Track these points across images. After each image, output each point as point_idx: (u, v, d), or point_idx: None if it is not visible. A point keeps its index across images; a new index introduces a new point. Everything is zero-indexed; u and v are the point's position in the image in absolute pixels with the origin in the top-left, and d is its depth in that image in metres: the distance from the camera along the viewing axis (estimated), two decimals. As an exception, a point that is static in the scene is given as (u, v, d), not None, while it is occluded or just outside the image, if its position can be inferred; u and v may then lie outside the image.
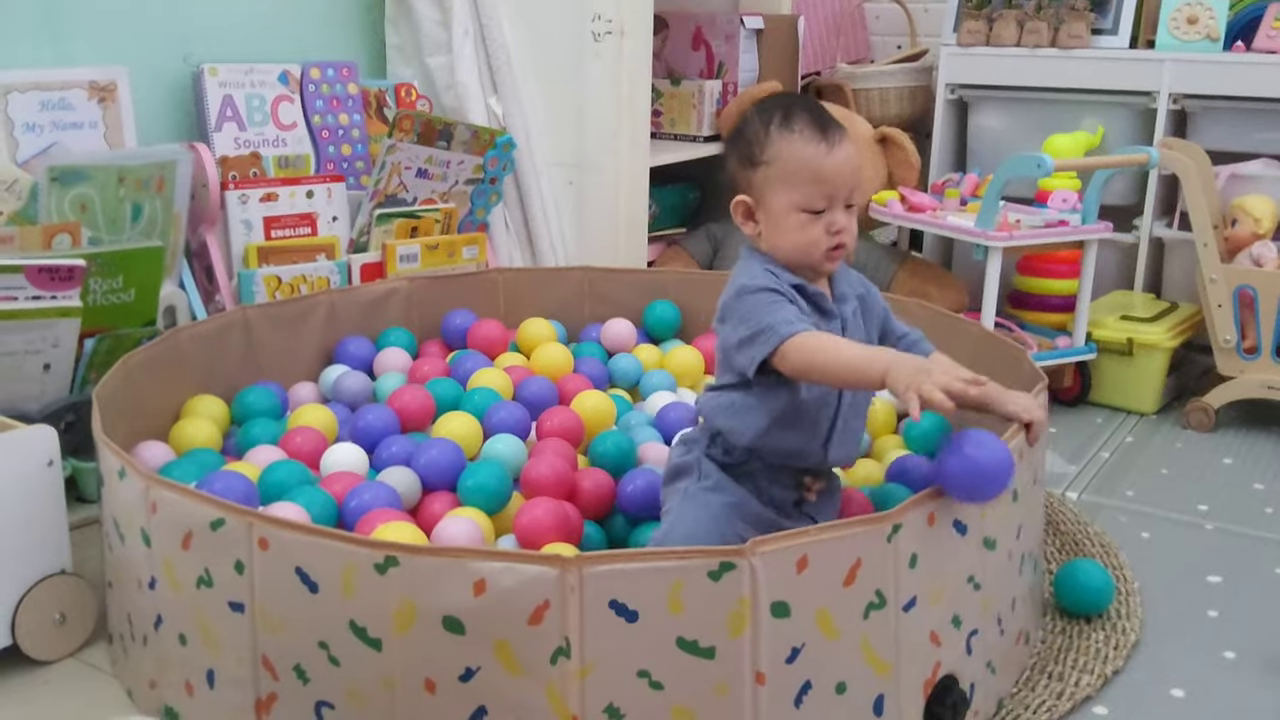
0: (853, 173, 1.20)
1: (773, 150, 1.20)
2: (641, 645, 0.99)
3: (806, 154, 1.18)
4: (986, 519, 1.16)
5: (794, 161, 1.19)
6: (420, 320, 1.94)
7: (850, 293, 1.27)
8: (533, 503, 1.35)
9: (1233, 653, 1.36)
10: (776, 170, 1.20)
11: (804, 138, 1.19)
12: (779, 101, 1.24)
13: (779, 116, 1.21)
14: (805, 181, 1.19)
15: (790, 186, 1.19)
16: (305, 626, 1.04)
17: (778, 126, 1.20)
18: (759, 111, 1.23)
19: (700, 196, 2.74)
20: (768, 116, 1.22)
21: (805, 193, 1.19)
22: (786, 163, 1.19)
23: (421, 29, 2.16)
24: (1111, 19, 2.44)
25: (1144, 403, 2.20)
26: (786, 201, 1.20)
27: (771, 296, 1.19)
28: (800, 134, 1.19)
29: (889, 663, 1.07)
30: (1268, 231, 2.12)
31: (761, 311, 1.18)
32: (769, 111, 1.22)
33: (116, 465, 1.17)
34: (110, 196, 1.61)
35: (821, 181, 1.18)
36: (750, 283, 1.21)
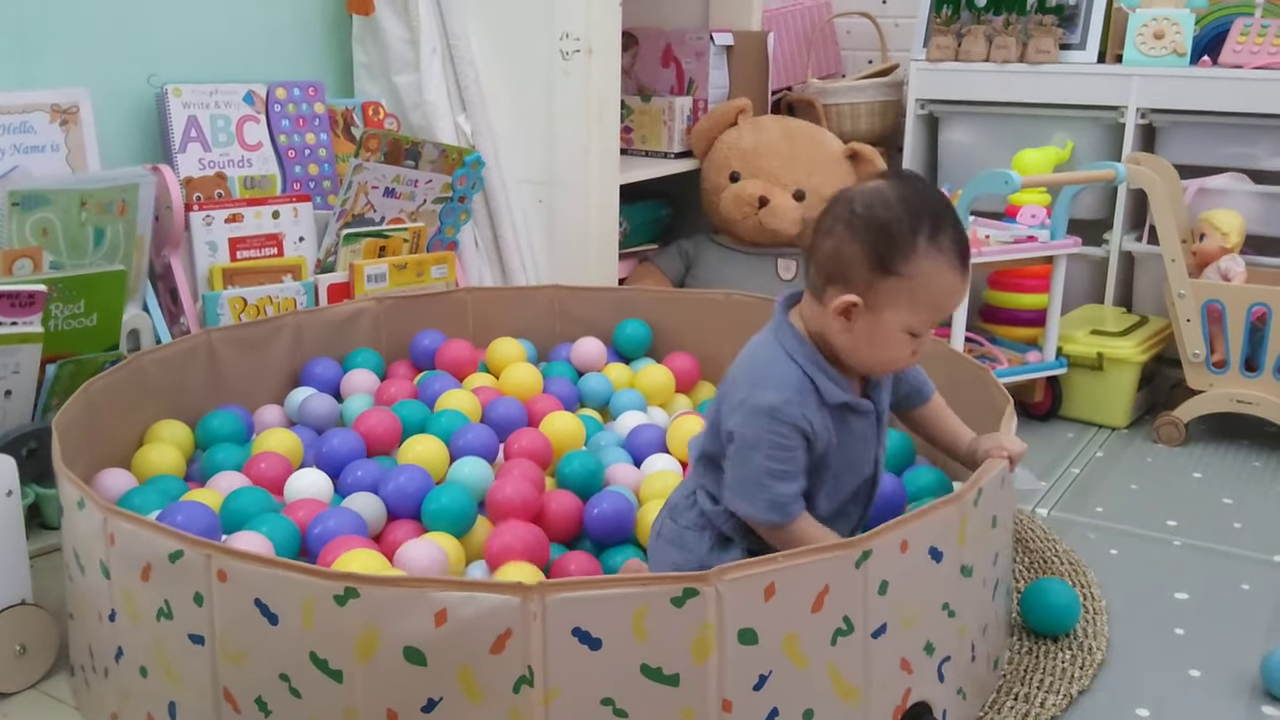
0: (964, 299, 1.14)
1: (915, 266, 1.08)
2: (605, 673, 0.98)
3: (946, 282, 1.09)
4: (965, 546, 1.15)
5: (932, 286, 1.09)
6: (388, 341, 1.93)
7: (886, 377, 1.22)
8: (502, 528, 1.35)
9: (1199, 671, 1.37)
10: (909, 287, 1.09)
11: (949, 263, 1.09)
12: (929, 205, 1.10)
13: (928, 228, 1.08)
14: (933, 308, 1.10)
15: (915, 309, 1.09)
16: (266, 658, 1.03)
17: (927, 239, 1.08)
18: (910, 213, 1.08)
19: (672, 213, 2.74)
20: (918, 224, 1.08)
21: (924, 318, 1.10)
22: (924, 284, 1.09)
23: (389, 47, 2.16)
24: (1079, 34, 2.45)
25: (1114, 417, 2.21)
26: (903, 322, 1.10)
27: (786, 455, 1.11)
28: (947, 257, 1.09)
29: (857, 689, 1.07)
30: (1235, 246, 2.14)
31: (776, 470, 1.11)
32: (920, 217, 1.08)
33: (75, 496, 1.15)
34: (72, 220, 1.59)
35: (944, 310, 1.11)
36: (783, 408, 1.11)
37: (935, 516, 1.11)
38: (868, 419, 1.19)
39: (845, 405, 1.16)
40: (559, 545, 1.43)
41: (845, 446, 1.17)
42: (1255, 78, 2.22)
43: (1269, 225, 2.23)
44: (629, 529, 1.44)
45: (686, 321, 1.99)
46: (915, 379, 1.30)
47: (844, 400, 1.15)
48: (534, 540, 1.34)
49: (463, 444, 1.56)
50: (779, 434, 1.11)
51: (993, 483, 1.19)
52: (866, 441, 1.20)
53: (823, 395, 1.13)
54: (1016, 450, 1.23)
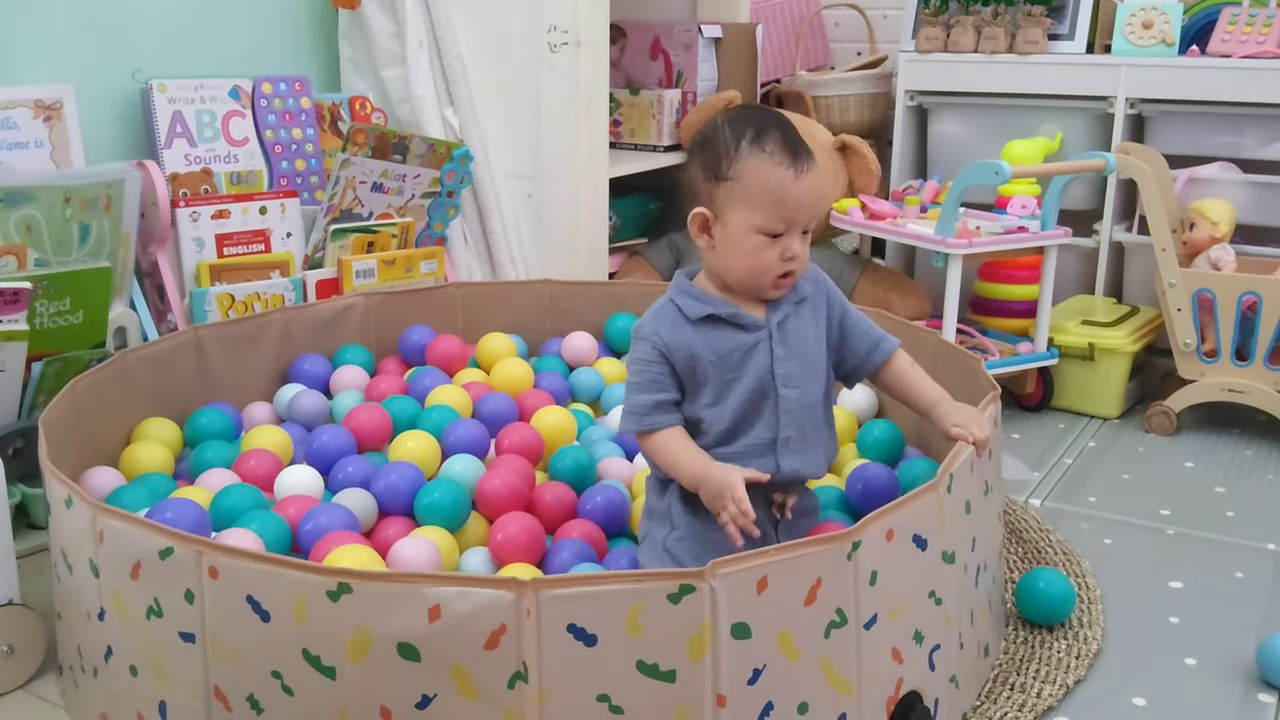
0: (815, 201, 1.19)
1: (740, 167, 1.18)
2: (601, 669, 0.97)
3: (774, 177, 1.17)
4: (945, 533, 1.15)
5: (760, 182, 1.17)
6: (377, 337, 1.92)
7: (789, 298, 1.25)
8: (506, 519, 1.35)
9: (1194, 659, 1.37)
10: (740, 188, 1.18)
11: (774, 160, 1.17)
12: (752, 117, 1.20)
13: (751, 133, 1.18)
14: (768, 204, 1.17)
15: (752, 207, 1.18)
16: (258, 656, 1.02)
17: (749, 143, 1.18)
18: (730, 124, 1.20)
19: (661, 207, 2.73)
20: (739, 131, 1.19)
21: (766, 215, 1.17)
22: (752, 182, 1.17)
23: (375, 41, 2.14)
24: (1068, 25, 2.45)
25: (1106, 407, 2.21)
26: (745, 221, 1.18)
27: (643, 369, 1.22)
28: (770, 155, 1.17)
29: (850, 682, 1.06)
30: (1225, 235, 2.14)
31: (633, 382, 1.23)
32: (741, 126, 1.19)
33: (63, 494, 1.14)
34: (57, 217, 1.58)
35: (783, 206, 1.17)
36: (641, 327, 1.24)
37: (916, 504, 1.10)
38: (756, 334, 1.23)
39: (712, 317, 1.22)
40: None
41: (722, 358, 1.22)
42: (1244, 67, 2.22)
43: (1259, 214, 2.23)
44: (624, 521, 1.43)
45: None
46: (871, 335, 1.30)
47: (708, 312, 1.22)
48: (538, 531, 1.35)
49: (454, 440, 1.55)
50: (638, 351, 1.24)
51: (961, 469, 1.18)
52: (754, 356, 1.23)
53: (684, 312, 1.23)
54: (980, 436, 1.21)
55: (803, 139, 1.20)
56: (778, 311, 1.24)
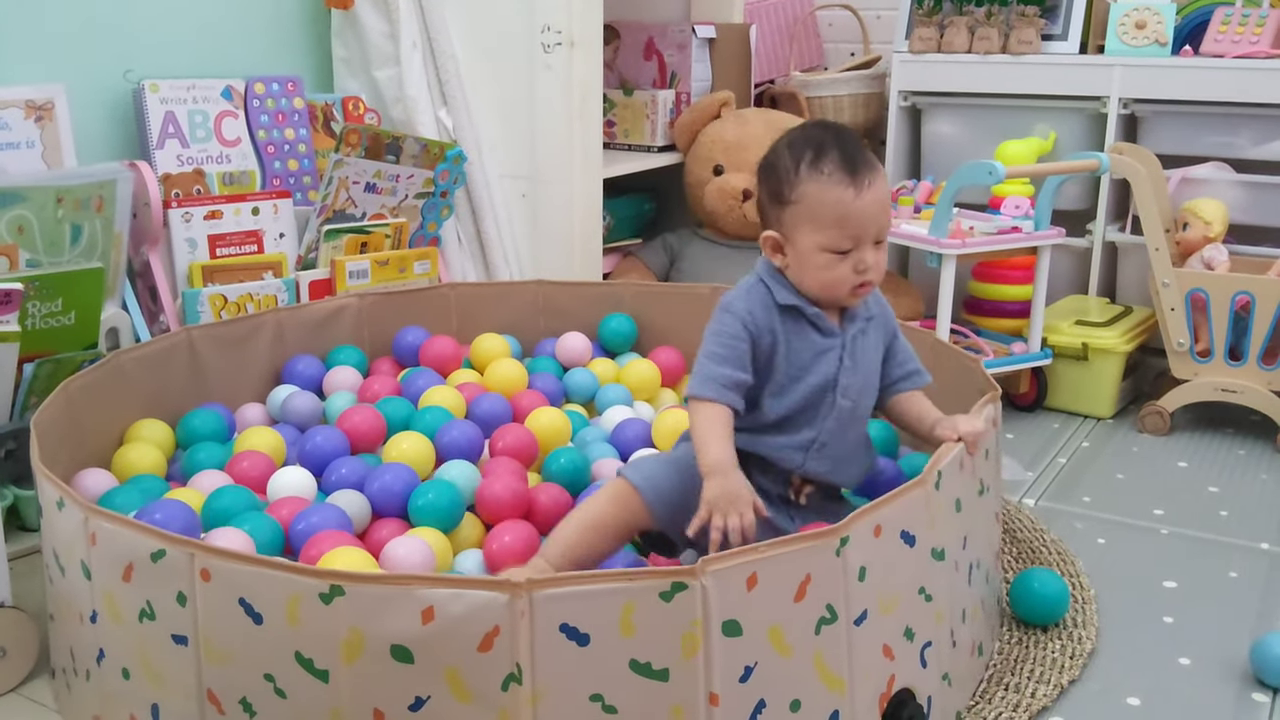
0: (881, 212, 1.20)
1: (801, 190, 1.19)
2: (594, 669, 0.97)
3: (833, 197, 1.18)
4: (935, 529, 1.15)
5: (821, 204, 1.19)
6: (371, 338, 1.91)
7: (862, 314, 1.28)
8: (501, 529, 1.35)
9: (1188, 659, 1.37)
10: (804, 210, 1.20)
11: (833, 180, 1.18)
12: (811, 137, 1.21)
13: (810, 155, 1.19)
14: (832, 224, 1.19)
15: (817, 228, 1.20)
16: (250, 658, 1.01)
17: (808, 166, 1.19)
18: (790, 147, 1.22)
19: (655, 207, 2.73)
20: (798, 154, 1.20)
21: (831, 235, 1.19)
22: (814, 204, 1.19)
23: (369, 41, 2.14)
24: (1061, 25, 2.45)
25: (1100, 407, 2.21)
26: (813, 242, 1.20)
27: (730, 342, 1.22)
28: (829, 176, 1.18)
29: (842, 678, 1.06)
30: (1219, 235, 2.14)
31: (715, 353, 1.22)
32: (800, 148, 1.21)
33: (55, 495, 1.14)
34: (48, 217, 1.57)
35: (847, 224, 1.19)
36: (732, 301, 1.24)
37: (904, 500, 1.11)
38: (831, 340, 1.25)
39: (796, 309, 1.24)
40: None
41: (797, 353, 1.25)
42: (1236, 67, 2.22)
43: (1252, 214, 2.23)
44: None
45: (672, 315, 1.98)
46: (906, 365, 1.33)
47: (793, 303, 1.24)
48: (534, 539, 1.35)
49: (448, 440, 1.55)
50: (725, 324, 1.24)
51: (950, 466, 1.19)
52: (824, 360, 1.25)
53: (773, 295, 1.24)
54: (968, 431, 1.23)
55: (865, 151, 1.21)
56: (853, 325, 1.27)
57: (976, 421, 1.25)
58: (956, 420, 1.26)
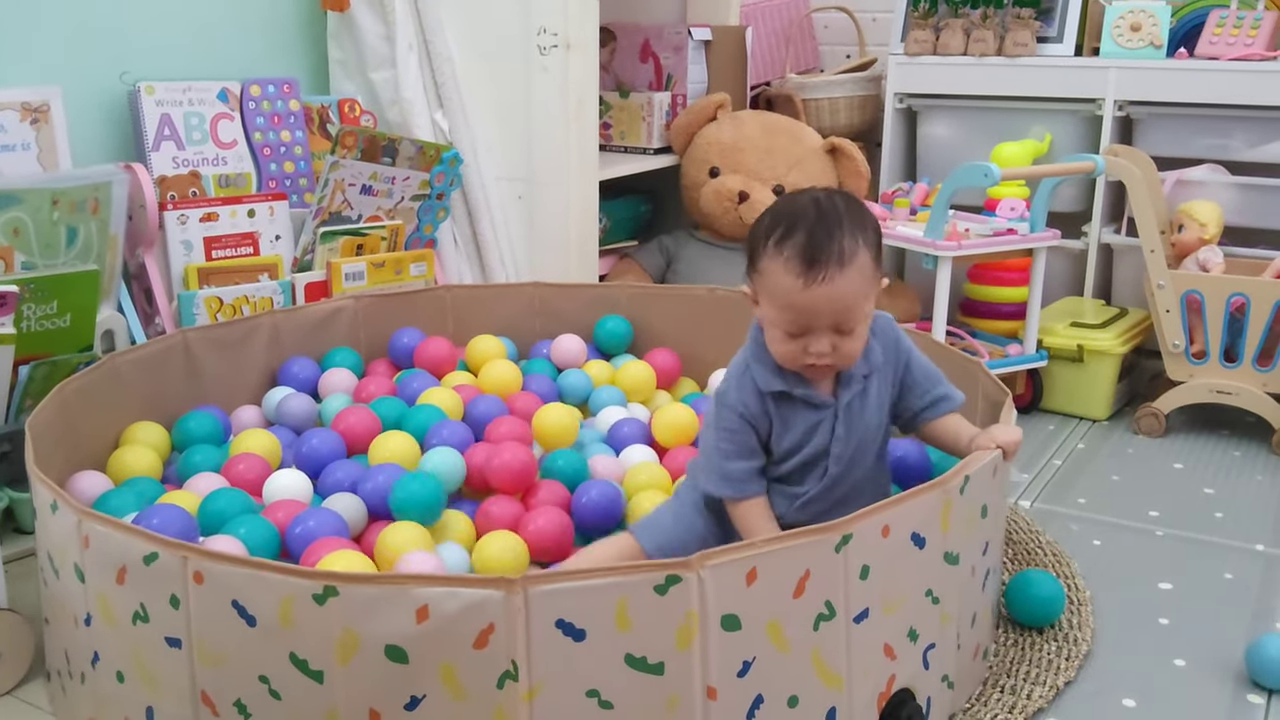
0: (836, 309, 1.16)
1: (763, 264, 1.19)
2: (590, 664, 0.97)
3: (784, 284, 1.16)
4: (949, 534, 1.15)
5: (774, 284, 1.18)
6: (367, 340, 1.91)
7: (860, 372, 1.25)
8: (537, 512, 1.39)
9: (1183, 660, 1.37)
10: (763, 283, 1.20)
11: (787, 266, 1.16)
12: (792, 211, 1.18)
13: (779, 233, 1.17)
14: (781, 306, 1.18)
15: (770, 303, 1.19)
16: (244, 661, 1.01)
17: (774, 243, 1.17)
18: (772, 215, 1.20)
19: (651, 209, 2.73)
20: (772, 226, 1.18)
21: (780, 315, 1.19)
22: (769, 282, 1.18)
23: (365, 43, 2.14)
24: (1056, 27, 2.45)
25: (1095, 409, 2.21)
26: (768, 315, 1.20)
27: (733, 436, 1.24)
28: (786, 261, 1.16)
29: (840, 675, 1.06)
30: (1214, 236, 2.14)
31: (724, 449, 1.24)
32: (776, 220, 1.18)
33: (49, 498, 1.14)
34: (44, 220, 1.57)
35: (792, 311, 1.17)
36: (727, 393, 1.25)
37: (916, 502, 1.10)
38: (823, 413, 1.24)
39: (782, 394, 1.23)
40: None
41: (791, 430, 1.25)
42: (1231, 69, 2.23)
43: (1246, 216, 2.24)
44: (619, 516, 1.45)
45: (668, 317, 1.98)
46: (931, 395, 1.31)
47: (779, 389, 1.23)
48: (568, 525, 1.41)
49: (437, 441, 1.55)
50: (725, 419, 1.25)
51: (982, 472, 1.19)
52: (817, 432, 1.25)
53: (757, 383, 1.24)
54: (1005, 439, 1.24)
55: (836, 242, 1.15)
56: (847, 391, 1.25)
57: (1012, 430, 1.26)
58: (993, 431, 1.25)
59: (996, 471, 1.24)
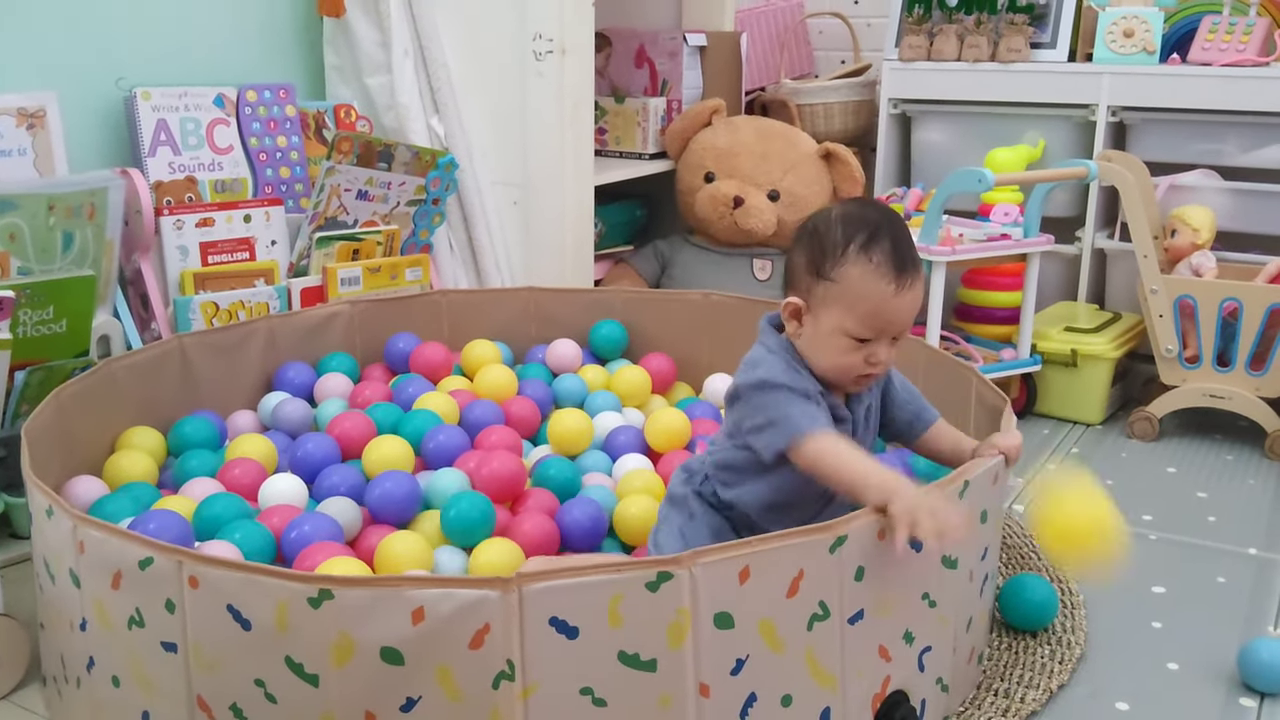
0: (911, 314, 1.17)
1: (843, 271, 1.15)
2: (583, 662, 0.98)
3: (875, 289, 1.14)
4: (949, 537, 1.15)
5: (860, 291, 1.15)
6: (362, 344, 1.91)
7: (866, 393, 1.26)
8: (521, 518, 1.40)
9: (1176, 664, 1.37)
10: (840, 291, 1.16)
11: (879, 271, 1.14)
12: (868, 218, 1.17)
13: (862, 238, 1.15)
14: (863, 313, 1.15)
15: (846, 312, 1.16)
16: (240, 665, 1.01)
17: (858, 249, 1.15)
18: (844, 222, 1.17)
19: (647, 214, 2.74)
20: (851, 232, 1.16)
21: (858, 323, 1.16)
22: (852, 289, 1.15)
23: (360, 49, 2.14)
24: (1050, 33, 2.46)
25: (1089, 413, 2.22)
26: (837, 323, 1.17)
27: (790, 394, 1.17)
28: (876, 266, 1.14)
29: (833, 675, 1.07)
30: (1206, 241, 2.15)
31: (782, 403, 1.16)
32: (854, 227, 1.16)
33: (44, 504, 1.14)
34: (40, 225, 1.57)
35: (879, 318, 1.16)
36: (774, 379, 1.18)
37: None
38: (843, 426, 1.22)
39: (822, 395, 1.20)
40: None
41: None
42: (1224, 75, 2.24)
43: (1239, 221, 2.24)
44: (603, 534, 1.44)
45: (663, 322, 1.99)
46: (913, 407, 1.31)
47: (830, 400, 1.20)
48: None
49: (434, 446, 1.55)
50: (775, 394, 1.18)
51: (982, 477, 1.19)
52: None
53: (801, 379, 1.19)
54: (1007, 444, 1.25)
55: (914, 249, 1.17)
56: (860, 405, 1.25)
57: (1013, 434, 1.26)
58: (995, 438, 1.26)
59: (997, 478, 1.24)
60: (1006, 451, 1.24)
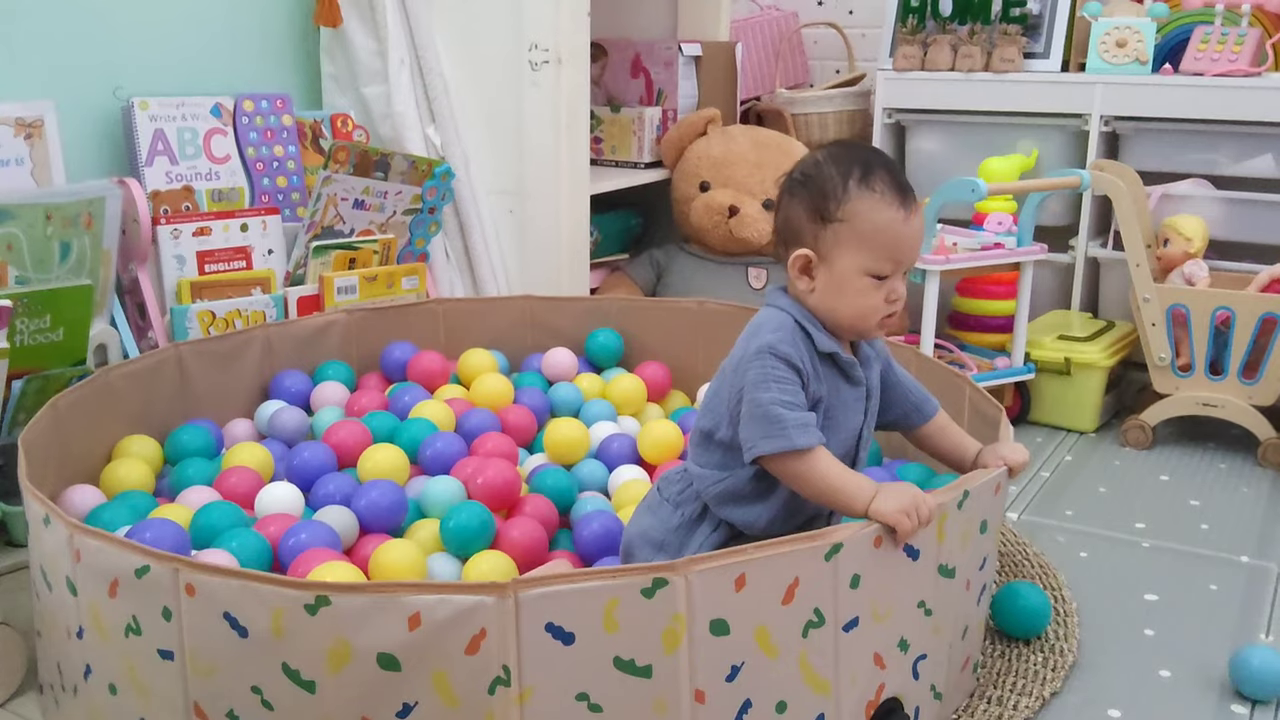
0: (920, 239, 1.17)
1: (850, 208, 1.13)
2: (579, 667, 0.99)
3: (886, 217, 1.13)
4: (944, 546, 1.16)
5: (873, 224, 1.13)
6: (359, 353, 1.92)
7: (871, 355, 1.24)
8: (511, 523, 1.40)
9: (1168, 671, 1.38)
10: (851, 229, 1.13)
11: (885, 200, 1.13)
12: (855, 154, 1.16)
13: (858, 172, 1.14)
14: (879, 246, 1.13)
15: (861, 248, 1.13)
16: (237, 672, 1.02)
17: (858, 183, 1.13)
18: (834, 161, 1.15)
19: (642, 223, 2.75)
20: (845, 170, 1.14)
21: (877, 257, 1.13)
22: (864, 223, 1.13)
23: (357, 59, 2.15)
24: (1043, 43, 2.48)
25: (1083, 421, 2.23)
26: (855, 264, 1.14)
27: (790, 387, 1.13)
28: (881, 196, 1.13)
29: (828, 682, 1.08)
30: (1199, 250, 2.16)
31: (776, 396, 1.13)
32: (846, 164, 1.14)
33: (41, 512, 1.14)
34: (37, 235, 1.58)
35: (896, 247, 1.13)
36: (778, 344, 1.14)
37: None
38: (858, 390, 1.21)
39: (835, 356, 1.18)
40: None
41: (832, 407, 1.19)
42: (1216, 85, 2.25)
43: (1231, 230, 2.26)
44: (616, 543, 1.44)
45: (658, 330, 2.00)
46: (915, 396, 1.30)
47: (834, 350, 1.17)
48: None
49: (431, 453, 1.56)
50: (775, 368, 1.14)
51: (984, 488, 1.20)
52: (854, 411, 1.22)
53: (814, 341, 1.17)
54: (1014, 460, 1.25)
55: (904, 175, 1.17)
56: (870, 370, 1.23)
57: (1020, 450, 1.26)
58: (1001, 450, 1.25)
59: (999, 489, 1.25)
60: (1013, 466, 1.24)
